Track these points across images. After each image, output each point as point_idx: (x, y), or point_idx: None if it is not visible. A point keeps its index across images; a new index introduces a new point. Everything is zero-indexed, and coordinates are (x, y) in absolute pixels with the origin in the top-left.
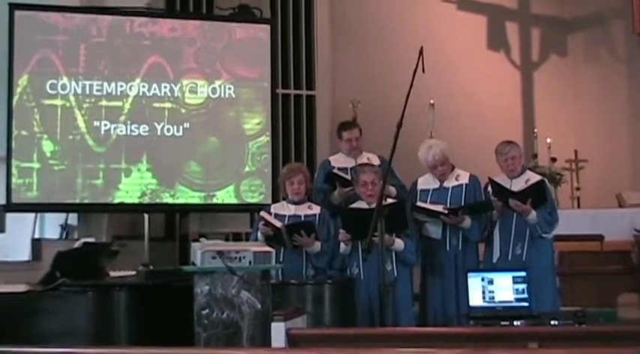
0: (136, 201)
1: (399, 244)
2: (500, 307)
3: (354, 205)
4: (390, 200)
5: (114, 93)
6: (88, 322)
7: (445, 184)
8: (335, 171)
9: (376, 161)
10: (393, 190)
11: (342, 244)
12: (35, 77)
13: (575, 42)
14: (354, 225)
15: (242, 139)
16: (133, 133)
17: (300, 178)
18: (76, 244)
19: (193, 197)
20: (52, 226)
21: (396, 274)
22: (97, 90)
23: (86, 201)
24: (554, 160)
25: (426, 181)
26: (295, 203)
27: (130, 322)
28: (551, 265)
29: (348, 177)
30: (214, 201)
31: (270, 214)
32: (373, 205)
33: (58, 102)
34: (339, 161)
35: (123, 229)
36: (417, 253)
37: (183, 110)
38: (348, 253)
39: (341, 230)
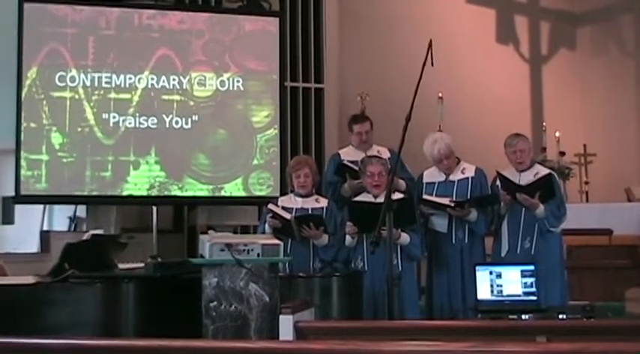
0: (145, 193)
1: (404, 238)
2: (509, 300)
3: (359, 198)
4: (397, 195)
5: (122, 85)
6: (96, 313)
7: (451, 178)
8: (345, 162)
9: (386, 154)
10: (402, 183)
11: (347, 237)
12: (44, 69)
13: (584, 36)
14: (361, 218)
15: (250, 132)
16: (141, 126)
17: (306, 172)
18: (85, 236)
19: (201, 190)
20: (60, 218)
21: (400, 268)
22: (106, 82)
23: (95, 193)
24: (562, 153)
25: (432, 175)
26: (302, 196)
27: (138, 314)
28: (559, 259)
29: (357, 169)
30: (222, 193)
31: (277, 206)
32: (380, 199)
33: (67, 94)
34: (349, 154)
35: (131, 222)
36: (421, 247)
37: (191, 103)
38: (353, 246)
39: (348, 223)
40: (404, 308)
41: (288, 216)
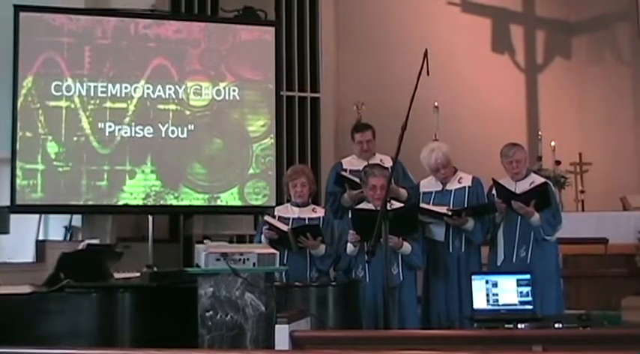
0: (140, 203)
1: (406, 247)
2: (505, 309)
3: (361, 206)
4: (395, 204)
5: (118, 95)
6: (92, 323)
7: (448, 187)
8: (343, 173)
9: (389, 163)
10: (403, 192)
11: (349, 245)
12: (40, 79)
13: (579, 45)
14: (363, 226)
15: (246, 141)
16: (137, 135)
17: (302, 181)
18: (80, 246)
19: (197, 199)
20: (56, 227)
21: (402, 277)
22: (102, 91)
23: (90, 202)
24: (558, 162)
25: (429, 184)
26: (299, 205)
27: (134, 323)
28: (555, 268)
29: (356, 179)
30: (218, 203)
31: (273, 216)
32: None
33: (63, 103)
34: (352, 164)
35: (127, 231)
36: (422, 256)
37: (187, 112)
38: (354, 255)
39: (350, 231)
40: (404, 317)
41: (284, 227)
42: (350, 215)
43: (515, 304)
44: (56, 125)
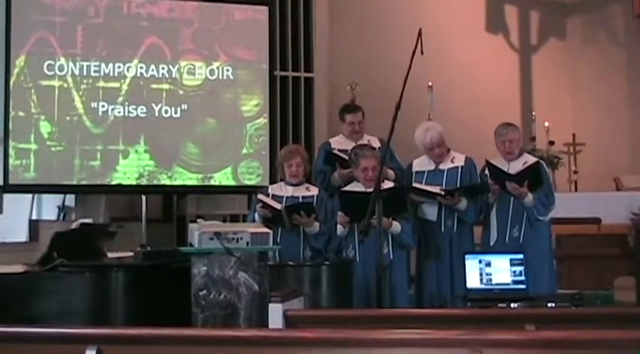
0: (134, 182)
1: (396, 226)
2: (498, 289)
3: (349, 188)
4: (387, 184)
5: (111, 74)
6: (85, 302)
7: (440, 167)
8: (334, 151)
9: (377, 144)
10: (391, 173)
11: (339, 226)
12: (32, 58)
13: (574, 25)
14: (352, 207)
15: (240, 121)
16: (130, 115)
17: (298, 161)
18: (74, 225)
19: (191, 179)
20: (49, 207)
21: (392, 256)
22: (95, 71)
23: (84, 182)
24: (552, 143)
25: (422, 163)
26: (293, 185)
27: (128, 302)
28: (548, 248)
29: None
30: (212, 182)
31: (267, 195)
32: (371, 189)
33: (56, 83)
34: (340, 143)
35: (120, 211)
36: (413, 236)
37: (181, 91)
38: (344, 236)
39: (339, 213)
40: (395, 296)
41: (278, 206)
42: (339, 198)
43: (509, 284)
44: (49, 105)
